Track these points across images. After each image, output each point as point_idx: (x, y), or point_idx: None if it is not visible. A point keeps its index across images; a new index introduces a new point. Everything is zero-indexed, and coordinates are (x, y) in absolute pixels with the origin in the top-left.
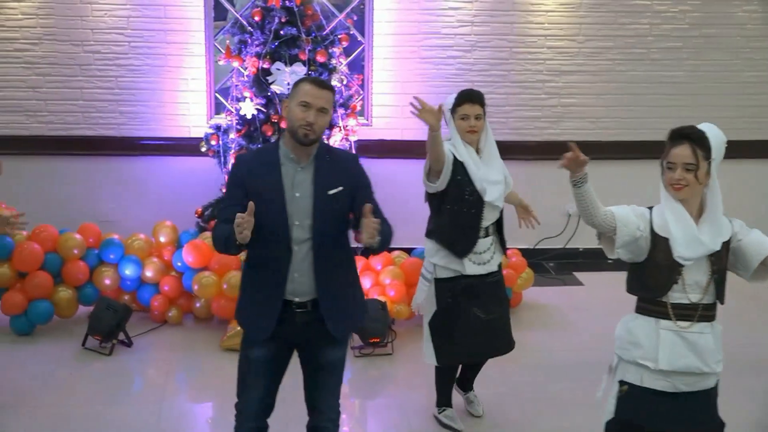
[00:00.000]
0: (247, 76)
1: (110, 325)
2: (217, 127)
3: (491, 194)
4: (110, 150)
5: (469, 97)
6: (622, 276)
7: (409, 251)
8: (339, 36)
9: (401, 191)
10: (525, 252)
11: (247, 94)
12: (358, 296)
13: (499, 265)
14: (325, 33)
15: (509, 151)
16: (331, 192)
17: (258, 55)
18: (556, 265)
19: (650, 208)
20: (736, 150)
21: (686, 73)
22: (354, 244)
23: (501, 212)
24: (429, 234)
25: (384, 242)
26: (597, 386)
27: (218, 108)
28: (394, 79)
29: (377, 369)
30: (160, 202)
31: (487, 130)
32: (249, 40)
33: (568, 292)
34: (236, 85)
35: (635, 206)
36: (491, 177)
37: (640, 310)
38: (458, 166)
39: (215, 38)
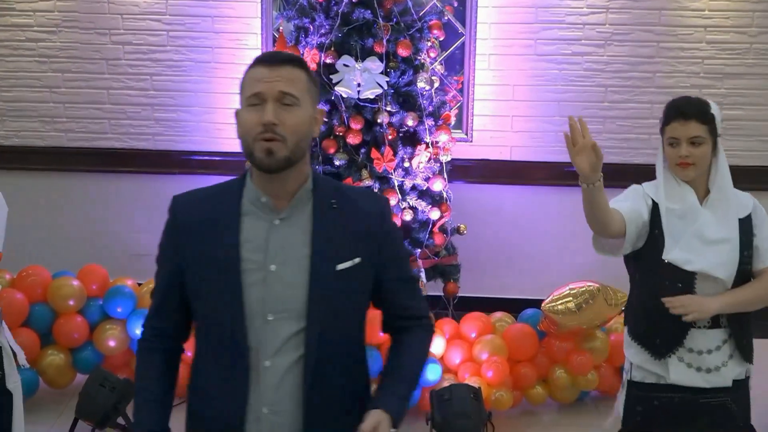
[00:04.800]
0: None
1: (105, 407)
2: None
3: (702, 260)
4: (143, 166)
5: (680, 112)
6: None
7: (516, 311)
8: (429, 23)
9: (508, 226)
10: None
11: None
12: None
13: (742, 382)
14: (411, 19)
15: (652, 176)
16: (343, 266)
17: (320, 47)
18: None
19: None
20: None
21: None
22: None
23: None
24: (624, 315)
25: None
26: None
27: None
28: (503, 81)
29: None
30: None
31: (719, 162)
32: (311, 27)
33: None
34: None
35: None
36: (709, 233)
37: None
38: (657, 216)
39: (274, 27)
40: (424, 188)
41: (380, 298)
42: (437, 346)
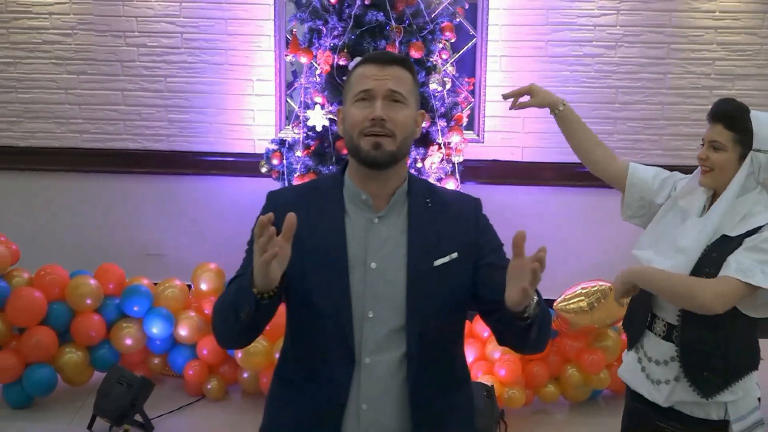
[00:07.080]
0: (319, 75)
1: (122, 405)
2: (281, 142)
3: (659, 265)
4: (158, 167)
5: (711, 113)
6: None
7: None
8: (441, 25)
9: (519, 226)
10: None
11: (318, 99)
12: None
13: (709, 423)
14: (423, 21)
15: None
16: (440, 262)
17: (333, 49)
18: None
19: None
20: None
21: None
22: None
23: (716, 326)
24: None
25: (543, 322)
26: None
27: (293, 116)
28: (514, 82)
29: None
30: (218, 233)
31: (736, 176)
32: (324, 29)
33: None
34: (305, 88)
35: None
36: (681, 240)
37: None
38: None
39: (287, 29)
40: None
41: (479, 283)
42: None
